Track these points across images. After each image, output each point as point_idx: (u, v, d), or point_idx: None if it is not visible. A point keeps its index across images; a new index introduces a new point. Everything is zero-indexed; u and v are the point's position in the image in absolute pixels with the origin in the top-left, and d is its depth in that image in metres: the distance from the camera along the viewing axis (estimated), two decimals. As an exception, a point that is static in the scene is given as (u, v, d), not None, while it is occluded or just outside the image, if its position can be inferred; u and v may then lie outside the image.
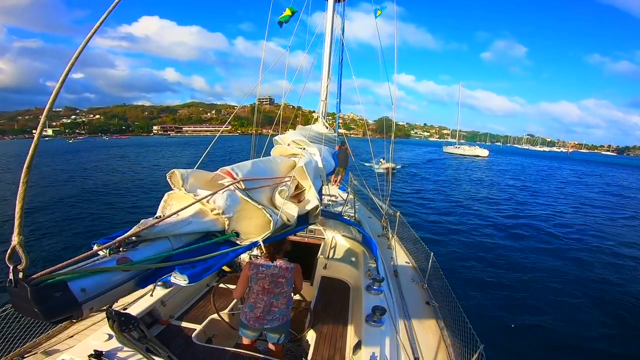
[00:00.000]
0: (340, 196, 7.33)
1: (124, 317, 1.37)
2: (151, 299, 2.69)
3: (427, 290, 3.68)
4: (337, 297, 3.34)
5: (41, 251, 7.82)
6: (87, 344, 1.95)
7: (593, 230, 11.81)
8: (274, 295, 2.26)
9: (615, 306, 6.37)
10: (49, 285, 0.80)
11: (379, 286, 2.94)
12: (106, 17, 0.96)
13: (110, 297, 0.97)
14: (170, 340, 2.48)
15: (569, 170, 38.90)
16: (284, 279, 2.28)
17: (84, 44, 0.90)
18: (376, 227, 5.93)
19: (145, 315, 2.57)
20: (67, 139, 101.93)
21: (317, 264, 3.74)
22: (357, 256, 4.03)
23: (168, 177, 1.46)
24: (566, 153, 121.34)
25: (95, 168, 25.74)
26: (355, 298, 3.22)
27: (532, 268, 7.99)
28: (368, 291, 2.93)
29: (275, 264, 2.29)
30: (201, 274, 1.17)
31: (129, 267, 0.99)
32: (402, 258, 4.65)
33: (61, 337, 2.53)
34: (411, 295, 3.60)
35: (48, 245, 8.31)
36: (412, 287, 3.81)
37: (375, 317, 2.44)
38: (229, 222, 1.40)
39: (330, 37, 4.54)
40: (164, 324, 2.68)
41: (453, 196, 16.98)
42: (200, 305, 3.08)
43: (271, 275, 2.26)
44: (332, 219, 4.48)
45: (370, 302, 2.71)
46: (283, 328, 2.31)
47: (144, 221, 1.15)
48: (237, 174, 1.57)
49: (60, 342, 2.46)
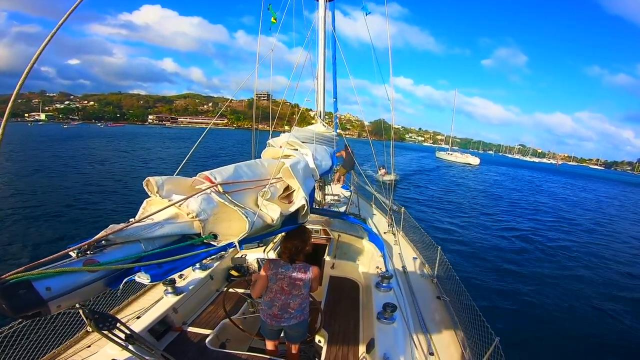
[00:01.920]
0: (343, 195, 7.35)
1: (99, 315, 1.36)
2: (163, 306, 2.71)
3: (437, 285, 3.68)
4: (347, 296, 3.33)
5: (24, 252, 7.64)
6: (104, 354, 2.00)
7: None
8: (292, 297, 2.26)
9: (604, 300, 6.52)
10: (14, 284, 0.87)
11: (388, 283, 2.93)
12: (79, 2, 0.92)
13: (78, 295, 1.02)
14: (185, 347, 2.50)
15: (554, 184, 39.52)
16: (302, 281, 2.26)
17: (58, 26, 0.85)
18: (381, 224, 5.91)
19: (158, 323, 2.56)
20: (61, 124, 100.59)
21: (324, 264, 3.72)
22: (364, 254, 4.01)
23: (144, 184, 1.49)
24: (555, 165, 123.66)
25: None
26: (365, 296, 3.21)
27: (544, 265, 8.27)
28: (377, 288, 2.92)
29: (294, 266, 2.27)
30: (165, 274, 1.24)
31: (95, 268, 1.04)
32: (409, 254, 4.65)
33: (78, 348, 2.60)
34: (421, 290, 3.59)
35: (33, 245, 8.09)
36: (422, 282, 3.81)
37: (387, 314, 2.43)
38: (204, 224, 1.43)
39: (324, 33, 4.49)
40: (177, 330, 2.68)
41: (453, 203, 17.19)
42: (211, 311, 3.07)
43: (290, 278, 2.25)
44: (336, 218, 4.47)
45: (380, 299, 2.70)
46: (301, 326, 2.30)
47: (112, 226, 1.20)
48: (215, 178, 1.61)
49: (78, 352, 2.52)
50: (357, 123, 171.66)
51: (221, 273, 3.59)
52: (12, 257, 7.31)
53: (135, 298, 3.55)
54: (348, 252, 4.10)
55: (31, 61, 0.88)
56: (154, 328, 2.49)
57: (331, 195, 6.89)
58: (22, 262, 1.02)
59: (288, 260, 2.29)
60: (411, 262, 4.35)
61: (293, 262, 2.28)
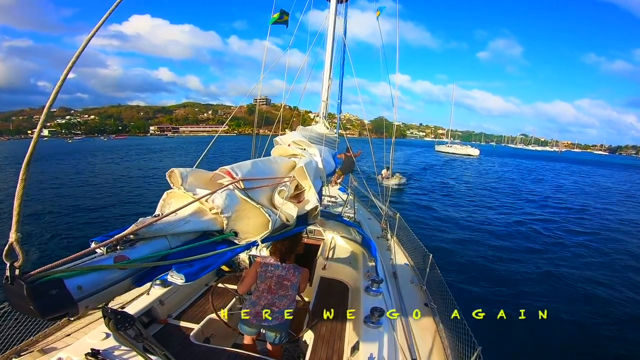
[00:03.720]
0: (340, 197, 7.33)
1: (120, 315, 1.36)
2: (149, 298, 2.67)
3: (425, 292, 3.69)
4: (336, 297, 3.34)
5: (42, 249, 7.75)
6: (83, 343, 1.94)
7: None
8: (278, 297, 2.26)
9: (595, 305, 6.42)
10: (45, 282, 0.80)
11: (377, 287, 2.93)
12: (107, 18, 0.95)
13: (107, 295, 0.96)
14: (168, 340, 2.47)
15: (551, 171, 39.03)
16: (290, 282, 2.27)
17: (84, 45, 0.89)
18: (376, 229, 5.93)
19: (143, 315, 2.54)
20: (65, 139, 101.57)
21: (316, 264, 3.74)
22: (357, 257, 4.03)
23: (167, 175, 1.46)
24: (557, 153, 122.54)
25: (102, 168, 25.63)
26: (354, 299, 3.22)
27: (530, 269, 8.05)
28: (367, 292, 2.93)
29: (284, 266, 2.28)
30: (198, 273, 1.17)
31: (126, 265, 0.99)
32: (401, 259, 4.65)
33: (58, 336, 2.51)
34: (410, 296, 3.60)
35: (52, 243, 8.25)
36: (411, 288, 3.82)
37: (374, 318, 2.43)
38: (228, 221, 1.40)
39: (332, 38, 4.50)
40: (161, 323, 2.67)
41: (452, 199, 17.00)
42: (198, 305, 3.06)
43: (278, 277, 2.26)
44: (331, 219, 4.48)
45: (368, 303, 2.71)
46: (281, 327, 2.28)
47: (141, 220, 1.15)
48: (236, 173, 1.57)
49: (57, 341, 2.44)
50: (357, 122, 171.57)
51: None
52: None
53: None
54: (340, 255, 4.10)
55: (61, 77, 0.88)
56: (138, 319, 2.48)
57: (328, 196, 6.90)
58: (45, 260, 0.98)
59: (279, 260, 2.30)
60: (402, 268, 4.33)
61: (283, 262, 2.30)
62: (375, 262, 3.39)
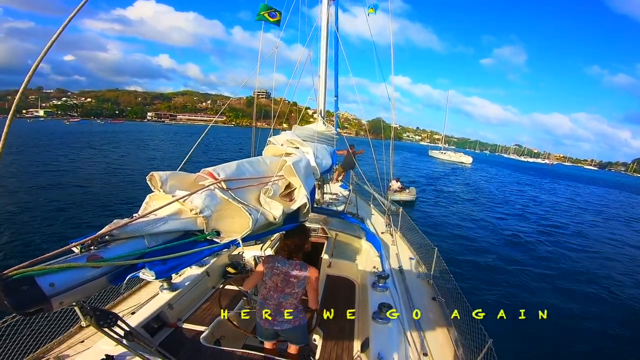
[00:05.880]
0: (342, 194, 7.33)
1: (100, 311, 1.36)
2: (158, 302, 2.69)
3: (432, 286, 3.70)
4: (343, 295, 3.34)
5: (40, 248, 7.58)
6: (97, 349, 1.99)
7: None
8: (284, 295, 2.22)
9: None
10: (17, 279, 0.85)
11: (384, 283, 2.94)
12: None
13: (82, 291, 1.00)
14: (179, 343, 2.49)
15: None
16: (296, 279, 2.23)
17: (65, 24, 0.85)
18: (379, 224, 5.92)
19: (153, 319, 2.55)
20: (62, 121, 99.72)
21: (321, 262, 3.73)
22: (361, 254, 4.03)
23: (148, 179, 1.48)
24: (547, 165, 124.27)
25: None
26: (361, 295, 3.23)
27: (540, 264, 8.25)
28: (374, 288, 2.93)
29: (291, 262, 2.25)
30: (170, 270, 1.23)
31: (99, 264, 1.02)
32: (406, 254, 4.67)
33: (72, 343, 2.57)
34: (417, 291, 3.62)
35: (49, 241, 8.04)
36: (418, 282, 3.83)
37: (382, 314, 2.44)
38: (208, 221, 1.42)
39: (327, 31, 4.47)
40: (172, 327, 2.68)
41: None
42: (206, 308, 3.06)
43: (285, 274, 2.22)
44: (335, 217, 4.49)
45: (376, 299, 2.72)
46: (296, 331, 2.25)
47: (116, 221, 1.19)
48: (218, 174, 1.60)
49: (71, 347, 2.50)
50: (355, 122, 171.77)
51: (218, 270, 3.58)
52: (13, 253, 7.22)
53: (131, 294, 3.52)
54: (345, 251, 4.11)
55: (40, 55, 0.87)
56: (148, 324, 2.49)
57: (330, 194, 6.89)
58: (24, 258, 1.00)
59: (286, 257, 2.28)
60: (408, 263, 4.36)
61: (290, 259, 2.27)
62: (381, 257, 3.39)
